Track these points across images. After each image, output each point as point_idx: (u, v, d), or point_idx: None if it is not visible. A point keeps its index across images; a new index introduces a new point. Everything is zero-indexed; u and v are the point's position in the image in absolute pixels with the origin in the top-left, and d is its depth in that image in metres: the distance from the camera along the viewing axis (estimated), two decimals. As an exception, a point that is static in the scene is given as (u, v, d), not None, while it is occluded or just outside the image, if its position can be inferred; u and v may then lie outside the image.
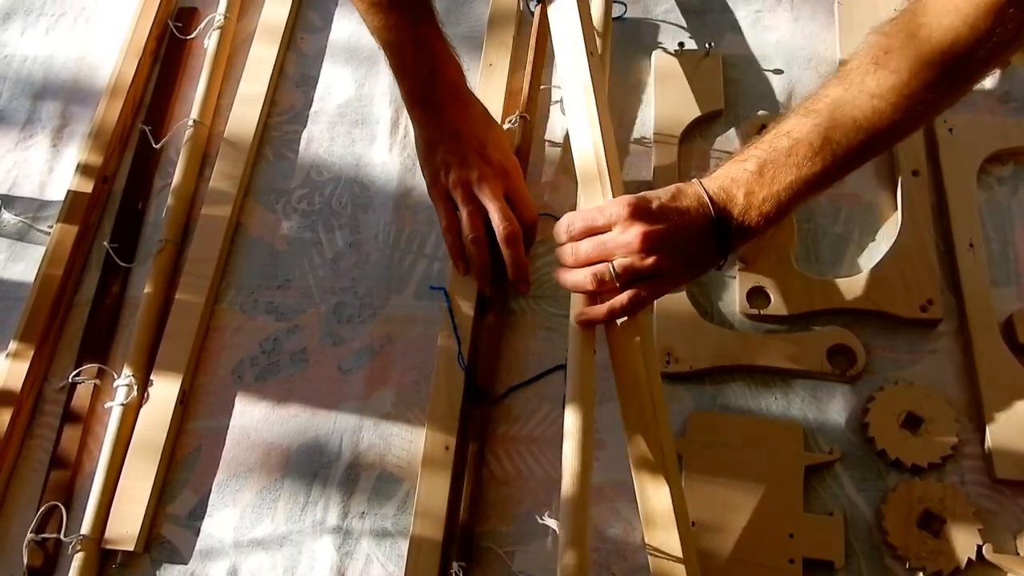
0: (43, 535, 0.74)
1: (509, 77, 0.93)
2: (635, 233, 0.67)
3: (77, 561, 0.72)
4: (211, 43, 0.99)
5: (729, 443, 0.75)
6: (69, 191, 0.90)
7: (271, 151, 0.95)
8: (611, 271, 0.68)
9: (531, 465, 0.76)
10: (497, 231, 0.79)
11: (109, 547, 0.73)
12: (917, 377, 0.77)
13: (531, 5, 0.98)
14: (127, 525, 0.74)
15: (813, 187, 0.66)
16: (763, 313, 0.80)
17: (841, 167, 0.65)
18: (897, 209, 0.85)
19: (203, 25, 1.02)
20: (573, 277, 0.71)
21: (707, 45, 0.93)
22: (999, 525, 0.71)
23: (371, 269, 0.87)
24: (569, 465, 0.72)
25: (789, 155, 0.65)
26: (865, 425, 0.75)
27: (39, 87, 1.02)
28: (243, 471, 0.78)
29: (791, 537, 0.70)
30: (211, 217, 0.88)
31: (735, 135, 0.90)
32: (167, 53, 1.02)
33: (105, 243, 0.88)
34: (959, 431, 0.74)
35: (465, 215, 0.80)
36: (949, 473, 0.73)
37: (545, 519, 0.69)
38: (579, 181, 0.76)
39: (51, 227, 0.89)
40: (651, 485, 0.65)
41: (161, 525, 0.76)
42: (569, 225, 0.71)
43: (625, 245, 0.68)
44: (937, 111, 0.65)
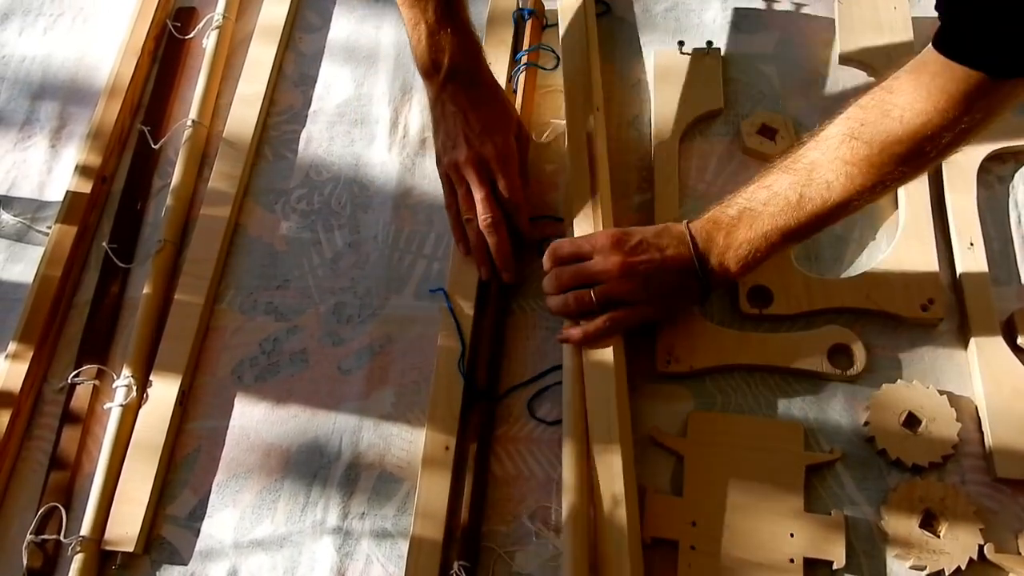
0: (43, 536, 0.74)
1: (507, 77, 0.93)
2: (615, 262, 0.74)
3: (77, 562, 0.72)
4: (210, 43, 0.99)
5: (730, 443, 0.74)
6: (68, 192, 0.90)
7: (270, 151, 0.95)
8: (590, 295, 0.75)
9: (531, 465, 0.76)
10: (479, 219, 0.80)
11: (109, 548, 0.73)
12: (918, 376, 0.77)
13: (524, 13, 0.98)
14: (127, 526, 0.73)
15: (787, 238, 0.71)
16: (764, 312, 0.80)
17: (813, 223, 0.70)
18: (897, 208, 0.84)
19: (201, 25, 1.02)
20: (555, 300, 0.77)
21: (707, 44, 0.93)
22: (1000, 524, 0.71)
23: (370, 269, 0.87)
24: (569, 465, 0.72)
25: (766, 205, 0.71)
26: (866, 424, 0.75)
27: (37, 87, 1.02)
28: (243, 472, 0.77)
29: (792, 536, 0.70)
30: (210, 217, 0.88)
31: (734, 134, 0.90)
32: (165, 53, 1.01)
33: (104, 243, 0.88)
34: (960, 430, 0.74)
35: (460, 196, 0.83)
36: (950, 472, 0.73)
37: (537, 525, 0.72)
38: (572, 213, 0.82)
39: (50, 228, 0.89)
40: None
41: (161, 526, 0.75)
42: (556, 250, 0.77)
43: (605, 272, 0.74)
44: (902, 183, 0.70)
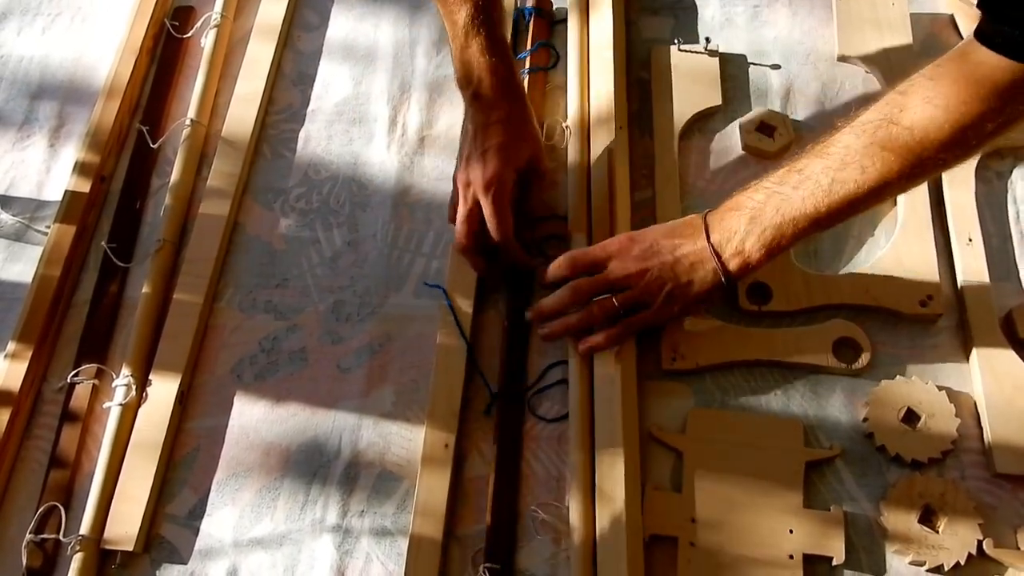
0: (42, 536, 0.74)
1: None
2: (633, 265, 0.74)
3: (76, 562, 0.72)
4: (208, 42, 0.99)
5: (730, 439, 0.75)
6: (66, 191, 0.90)
7: (269, 150, 0.95)
8: (613, 302, 0.74)
9: (531, 463, 0.76)
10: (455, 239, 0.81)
11: (108, 547, 0.73)
12: (917, 372, 0.77)
13: (526, 12, 0.98)
14: (126, 525, 0.73)
15: (816, 224, 0.69)
16: (763, 309, 0.80)
17: (844, 209, 0.68)
18: (896, 204, 0.84)
19: (200, 24, 1.02)
20: (573, 317, 0.76)
21: (706, 40, 0.93)
22: (999, 520, 0.71)
23: (369, 268, 0.87)
24: (576, 463, 0.72)
25: (796, 189, 0.69)
26: (865, 420, 0.75)
27: (36, 87, 1.01)
28: (242, 470, 0.77)
29: (791, 532, 0.70)
30: (209, 216, 0.88)
31: (733, 131, 0.90)
32: (164, 52, 1.01)
33: (103, 243, 0.88)
34: (959, 426, 0.74)
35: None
36: (949, 468, 0.73)
37: (538, 523, 0.72)
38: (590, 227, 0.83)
39: (49, 227, 0.89)
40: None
41: (160, 525, 0.75)
42: (573, 262, 0.77)
43: (625, 277, 0.74)
44: (939, 171, 0.69)
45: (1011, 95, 0.61)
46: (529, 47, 0.95)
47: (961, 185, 0.84)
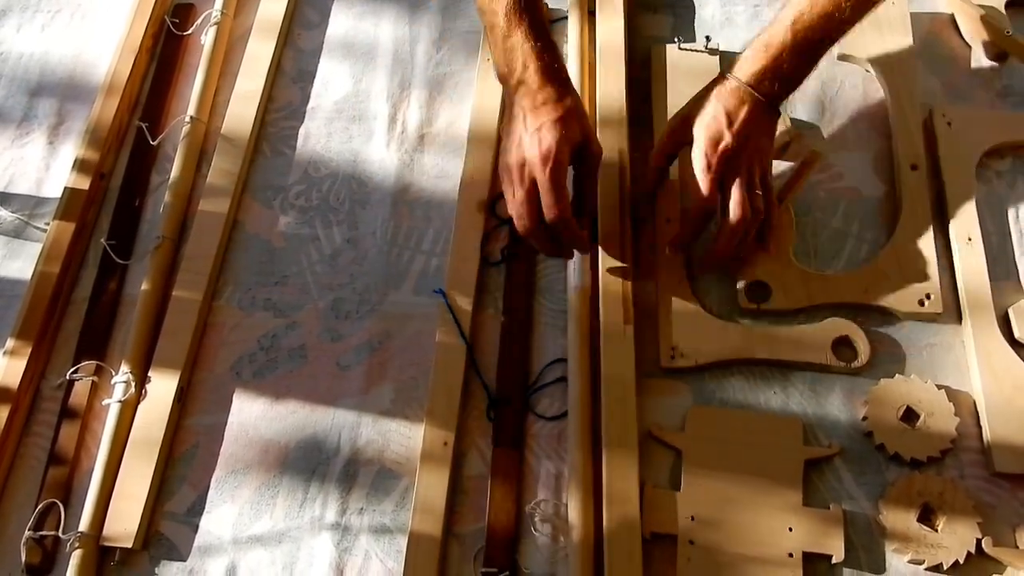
0: (41, 533, 0.74)
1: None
2: (741, 144, 0.76)
3: (75, 558, 0.72)
4: (208, 39, 0.99)
5: (729, 438, 0.75)
6: (66, 188, 0.90)
7: (268, 147, 0.95)
8: (757, 192, 0.78)
9: (530, 461, 0.76)
10: (515, 223, 0.78)
11: (107, 544, 0.73)
12: (916, 371, 0.77)
13: None
14: (125, 522, 0.73)
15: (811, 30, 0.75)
16: (762, 308, 0.80)
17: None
18: (896, 203, 0.84)
19: (200, 21, 1.02)
20: (735, 212, 0.76)
21: (706, 39, 0.93)
22: (998, 519, 0.71)
23: (369, 265, 0.87)
24: (577, 462, 0.72)
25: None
26: (864, 419, 0.75)
27: (35, 84, 1.01)
28: (241, 468, 0.77)
29: (791, 531, 0.70)
30: (208, 213, 0.88)
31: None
32: (164, 49, 1.01)
33: (102, 240, 0.88)
34: (958, 425, 0.74)
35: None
36: (948, 467, 0.73)
37: (537, 521, 0.72)
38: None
39: (48, 224, 0.89)
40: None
41: (159, 522, 0.75)
42: (709, 159, 0.77)
43: (747, 154, 0.77)
44: None
45: None
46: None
47: (961, 184, 0.84)
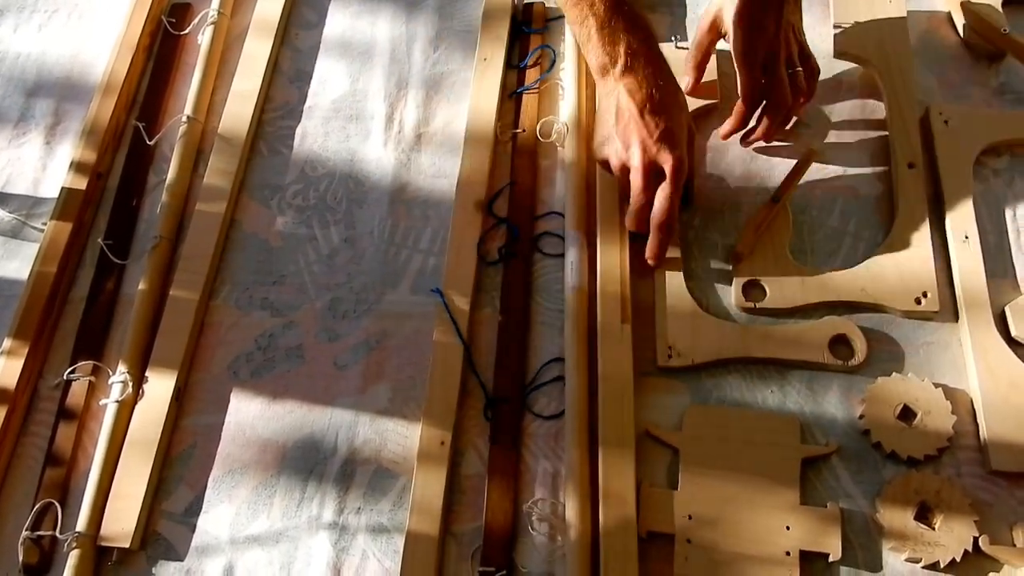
0: (38, 532, 0.74)
1: (504, 72, 0.94)
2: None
3: (73, 558, 0.72)
4: (205, 39, 0.99)
5: (726, 436, 0.74)
6: (63, 188, 0.90)
7: (265, 147, 0.95)
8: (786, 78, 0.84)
9: (527, 459, 0.76)
10: (651, 220, 0.80)
11: (105, 544, 0.73)
12: (913, 369, 0.77)
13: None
14: (123, 522, 0.73)
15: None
16: (758, 307, 0.80)
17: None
18: (893, 202, 0.84)
19: (197, 21, 1.02)
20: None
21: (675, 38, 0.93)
22: (995, 517, 0.71)
23: (366, 265, 0.87)
24: (573, 460, 0.72)
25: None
26: (861, 418, 0.75)
27: (32, 84, 1.01)
28: (239, 467, 0.77)
29: (788, 529, 0.70)
30: (205, 213, 0.88)
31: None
32: (161, 49, 1.01)
33: (99, 240, 0.88)
34: (955, 423, 0.74)
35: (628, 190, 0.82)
36: (945, 465, 0.73)
37: (534, 520, 0.72)
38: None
39: (45, 224, 0.89)
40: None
41: (157, 522, 0.75)
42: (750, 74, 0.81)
43: (785, 36, 0.83)
44: None
45: None
46: (530, 49, 0.97)
47: (958, 182, 0.84)
